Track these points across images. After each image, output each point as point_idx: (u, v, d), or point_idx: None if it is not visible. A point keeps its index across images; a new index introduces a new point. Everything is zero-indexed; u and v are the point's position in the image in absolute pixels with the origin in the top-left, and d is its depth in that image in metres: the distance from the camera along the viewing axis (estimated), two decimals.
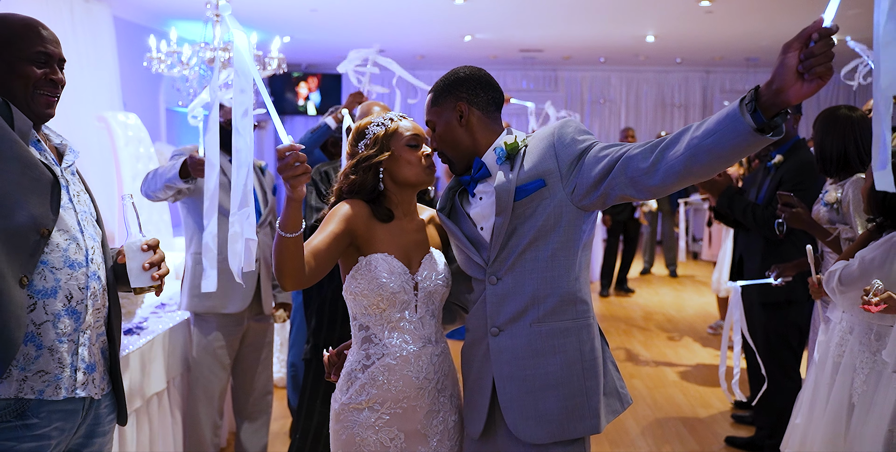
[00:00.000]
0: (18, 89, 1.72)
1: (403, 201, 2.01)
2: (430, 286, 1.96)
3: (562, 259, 1.84)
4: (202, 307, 3.17)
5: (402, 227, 2.00)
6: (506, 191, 1.83)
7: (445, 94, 1.94)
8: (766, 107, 1.44)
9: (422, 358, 1.93)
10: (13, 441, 1.61)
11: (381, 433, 1.92)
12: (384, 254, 1.92)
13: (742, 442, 3.87)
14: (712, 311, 7.06)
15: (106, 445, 1.87)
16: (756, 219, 3.53)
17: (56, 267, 1.67)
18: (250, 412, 3.42)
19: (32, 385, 1.64)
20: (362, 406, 1.93)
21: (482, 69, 1.97)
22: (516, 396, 1.85)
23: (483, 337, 1.91)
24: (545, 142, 1.85)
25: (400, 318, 1.93)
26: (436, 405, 1.96)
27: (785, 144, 3.59)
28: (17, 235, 1.60)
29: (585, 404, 1.84)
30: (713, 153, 1.52)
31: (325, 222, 1.91)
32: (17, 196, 1.60)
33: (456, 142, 1.94)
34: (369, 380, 1.92)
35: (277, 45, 5.39)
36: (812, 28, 1.35)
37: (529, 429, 1.84)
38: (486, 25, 8.52)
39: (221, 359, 3.24)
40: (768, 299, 3.51)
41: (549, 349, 1.84)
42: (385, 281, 1.89)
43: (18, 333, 1.59)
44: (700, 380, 5.13)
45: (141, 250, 1.79)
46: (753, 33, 8.72)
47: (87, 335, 1.75)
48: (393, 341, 1.92)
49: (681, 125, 12.03)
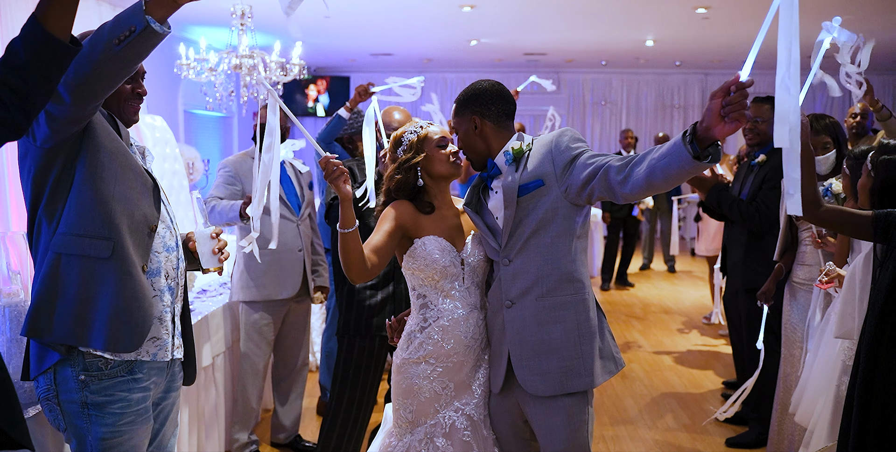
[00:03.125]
0: (113, 103, 2.07)
1: (440, 192, 2.44)
2: (474, 261, 2.37)
3: (560, 245, 2.23)
4: (259, 296, 3.60)
5: (443, 215, 2.42)
6: (511, 188, 2.23)
7: (463, 108, 2.35)
8: (701, 140, 1.80)
9: (469, 321, 2.34)
10: (126, 391, 1.99)
11: (434, 382, 2.33)
12: (434, 237, 2.35)
13: (730, 417, 4.24)
14: (707, 303, 7.42)
15: (177, 400, 2.25)
16: (741, 213, 3.88)
17: (158, 251, 2.05)
18: (288, 385, 3.82)
19: (148, 349, 2.01)
20: (420, 360, 2.34)
21: (498, 83, 2.36)
22: (525, 357, 2.24)
23: (500, 309, 2.30)
24: (545, 148, 2.25)
25: (451, 288, 2.35)
26: (479, 361, 2.37)
27: (767, 146, 3.94)
28: (138, 232, 1.98)
29: (581, 365, 2.22)
30: (666, 173, 1.89)
31: (379, 223, 2.34)
32: (136, 199, 1.99)
33: (473, 147, 2.36)
34: (426, 339, 2.34)
35: (299, 52, 5.75)
36: (731, 81, 1.72)
37: (535, 384, 2.22)
38: (491, 30, 8.85)
39: (267, 336, 3.67)
40: (751, 285, 3.87)
41: (552, 319, 2.23)
42: (437, 257, 2.32)
43: (151, 311, 1.98)
44: (693, 364, 5.51)
45: (210, 237, 2.20)
46: (749, 38, 9.02)
47: (177, 307, 2.13)
48: (446, 306, 2.34)
49: (680, 126, 12.39)
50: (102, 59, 1.70)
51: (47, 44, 1.49)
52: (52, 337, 1.91)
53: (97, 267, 1.92)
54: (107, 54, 1.69)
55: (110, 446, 1.96)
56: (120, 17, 1.68)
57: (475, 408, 2.35)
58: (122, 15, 1.68)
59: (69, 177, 1.92)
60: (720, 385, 4.99)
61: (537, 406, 2.25)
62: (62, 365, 1.94)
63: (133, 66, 1.79)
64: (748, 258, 3.86)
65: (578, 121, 12.65)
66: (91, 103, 1.80)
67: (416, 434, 2.35)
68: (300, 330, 3.84)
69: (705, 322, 6.77)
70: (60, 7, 1.48)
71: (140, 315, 1.95)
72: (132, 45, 1.68)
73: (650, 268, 9.85)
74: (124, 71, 1.79)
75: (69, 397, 1.94)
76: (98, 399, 1.95)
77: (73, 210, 1.92)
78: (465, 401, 2.34)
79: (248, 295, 3.62)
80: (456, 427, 2.31)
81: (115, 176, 1.96)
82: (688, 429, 4.21)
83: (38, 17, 1.48)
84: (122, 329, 1.92)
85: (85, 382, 1.94)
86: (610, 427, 4.23)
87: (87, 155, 1.92)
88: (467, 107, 2.34)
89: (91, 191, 1.92)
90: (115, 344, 1.92)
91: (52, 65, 1.51)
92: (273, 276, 3.61)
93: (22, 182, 1.98)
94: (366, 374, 3.21)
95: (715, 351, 5.87)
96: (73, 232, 1.91)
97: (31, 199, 1.95)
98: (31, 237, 1.99)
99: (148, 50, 1.75)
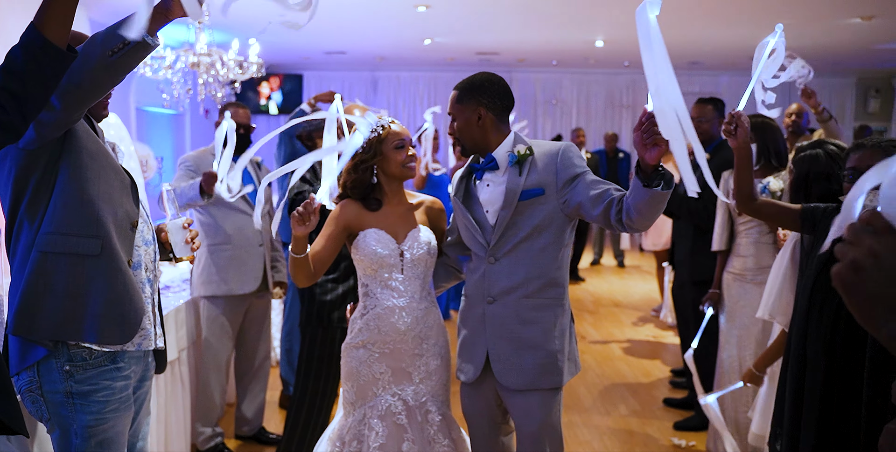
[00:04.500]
0: None
1: (392, 190, 2.54)
2: (414, 254, 2.48)
3: (550, 252, 2.34)
4: (221, 291, 3.66)
5: (392, 210, 2.53)
6: (513, 191, 2.32)
7: (468, 97, 2.38)
8: (644, 170, 2.03)
9: (405, 310, 2.46)
10: (110, 380, 2.06)
11: (373, 367, 2.46)
12: (375, 229, 2.47)
13: (677, 402, 4.48)
14: (655, 297, 7.68)
15: (150, 388, 2.32)
16: (689, 210, 4.08)
17: (138, 245, 2.13)
18: (250, 379, 3.89)
19: (133, 339, 2.08)
20: (359, 345, 2.48)
21: (502, 78, 2.42)
22: (504, 353, 2.35)
23: (479, 304, 2.40)
24: (549, 158, 2.33)
25: (388, 278, 2.46)
26: (419, 349, 2.48)
27: (711, 144, 4.15)
28: (122, 229, 2.06)
29: (554, 364, 2.35)
30: (637, 207, 2.09)
31: (325, 226, 2.49)
32: (117, 197, 2.06)
33: (471, 137, 2.40)
34: (364, 325, 2.47)
35: (256, 50, 5.79)
36: (643, 115, 1.94)
37: (511, 378, 2.34)
38: (445, 30, 8.96)
39: (229, 331, 3.74)
40: (699, 278, 4.07)
41: (532, 319, 2.34)
42: (374, 248, 2.44)
43: (141, 304, 2.06)
44: (642, 354, 5.73)
45: (182, 228, 2.28)
46: (696, 40, 9.32)
47: (156, 297, 2.20)
48: (384, 296, 2.47)
49: (629, 125, 12.65)
50: (96, 68, 1.78)
51: (46, 50, 1.57)
52: (42, 334, 1.96)
53: (87, 264, 1.98)
54: (101, 64, 1.77)
55: (95, 433, 2.03)
56: (112, 29, 1.76)
57: (413, 395, 2.46)
58: (115, 28, 1.75)
59: (52, 177, 1.97)
60: (668, 373, 5.21)
61: (514, 395, 2.37)
62: (46, 359, 2.00)
63: (123, 76, 1.88)
64: (695, 252, 4.07)
65: (530, 119, 12.83)
66: (80, 110, 1.88)
67: (357, 414, 2.48)
68: (261, 325, 3.92)
69: (654, 314, 7.01)
70: (58, 16, 1.57)
71: (131, 308, 2.03)
72: (125, 56, 1.77)
73: (600, 263, 10.10)
74: (115, 80, 1.88)
75: (53, 388, 2.00)
76: (83, 389, 2.01)
77: (58, 209, 1.97)
78: (402, 387, 2.46)
79: (210, 290, 3.67)
80: (391, 410, 2.43)
81: (97, 176, 2.02)
82: (638, 415, 4.40)
83: (37, 25, 1.57)
84: (114, 322, 2.00)
85: (70, 372, 2.00)
86: (564, 415, 4.39)
87: (70, 156, 1.98)
88: (473, 97, 2.37)
89: (76, 190, 1.98)
90: (107, 337, 2.00)
91: (49, 70, 1.60)
92: (235, 272, 3.68)
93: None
94: (328, 365, 3.30)
95: (663, 342, 6.10)
96: (59, 231, 1.97)
97: (11, 200, 1.99)
98: (9, 237, 2.04)
99: (139, 60, 1.85)
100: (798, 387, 2.33)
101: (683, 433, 4.10)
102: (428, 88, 12.69)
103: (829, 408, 2.24)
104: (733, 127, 2.54)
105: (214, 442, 3.75)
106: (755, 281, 3.49)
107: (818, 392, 2.26)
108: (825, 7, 6.67)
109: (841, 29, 7.70)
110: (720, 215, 3.72)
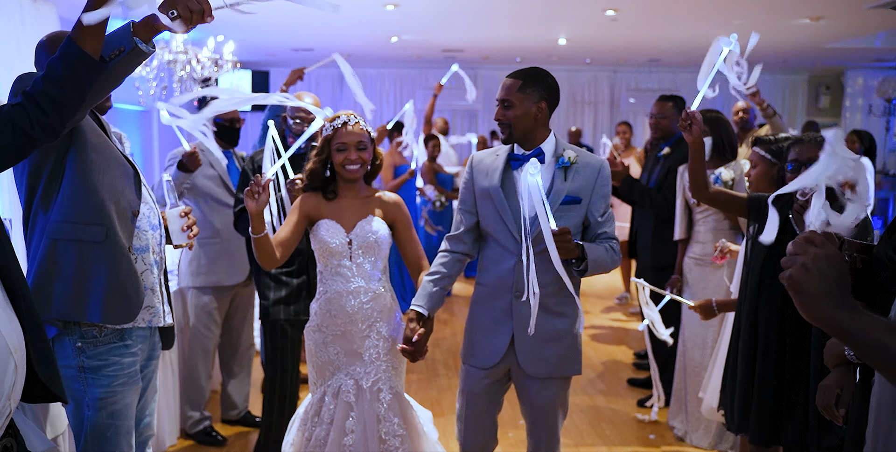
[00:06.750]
0: None
1: (344, 183, 2.73)
2: (363, 242, 2.66)
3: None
4: (209, 282, 3.83)
5: (347, 202, 2.72)
6: (558, 194, 2.47)
7: (533, 88, 2.45)
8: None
9: (352, 294, 2.65)
10: (118, 356, 2.24)
11: (328, 348, 2.68)
12: (327, 220, 2.68)
13: (640, 382, 4.75)
14: (618, 285, 7.96)
15: (157, 366, 2.49)
16: (651, 200, 4.33)
17: (144, 229, 2.30)
18: (235, 365, 4.05)
19: (143, 316, 2.27)
20: (316, 328, 2.71)
21: None
22: (529, 343, 2.50)
23: (503, 296, 2.51)
24: (593, 171, 2.50)
25: (338, 265, 2.67)
26: (368, 331, 2.67)
27: (670, 139, 4.41)
28: (124, 217, 2.23)
29: (574, 354, 2.56)
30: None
31: (289, 214, 2.70)
32: (120, 188, 2.23)
33: (524, 127, 2.47)
34: (318, 309, 2.70)
35: (231, 48, 5.92)
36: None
37: (535, 367, 2.52)
38: (412, 28, 9.11)
39: (216, 319, 3.90)
40: (659, 263, 4.33)
41: (558, 313, 2.52)
42: (324, 237, 2.65)
43: (141, 287, 2.23)
44: (607, 340, 6.01)
45: (180, 216, 2.45)
46: (655, 38, 9.61)
47: (163, 277, 2.38)
48: (334, 281, 2.67)
49: (590, 121, 12.91)
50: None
51: (82, 60, 1.77)
52: (52, 314, 2.14)
53: (92, 251, 2.16)
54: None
55: (106, 404, 2.21)
56: (110, 38, 1.93)
57: (364, 376, 2.65)
58: (112, 36, 1.93)
59: (60, 170, 2.16)
60: (632, 356, 5.49)
61: (533, 381, 2.54)
62: (59, 336, 2.18)
63: (121, 80, 2.07)
64: (655, 239, 4.33)
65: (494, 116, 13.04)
66: (81, 112, 2.06)
67: (318, 393, 2.71)
68: (245, 313, 4.09)
69: (617, 302, 7.29)
70: (92, 30, 1.77)
71: (134, 290, 2.20)
72: (122, 62, 1.95)
73: None
74: (114, 84, 2.06)
75: (67, 363, 2.18)
76: (94, 364, 2.19)
77: (66, 199, 2.15)
78: (354, 368, 2.66)
79: (199, 281, 3.84)
80: (343, 389, 2.64)
81: (102, 168, 2.20)
82: (604, 394, 4.67)
83: (74, 38, 1.77)
84: (118, 303, 2.17)
85: (81, 348, 2.18)
86: None
87: (76, 151, 2.17)
88: (540, 89, 2.45)
89: (82, 182, 2.16)
90: (111, 317, 2.17)
91: (85, 78, 1.80)
92: (223, 264, 3.85)
93: (15, 177, 2.22)
94: (292, 356, 3.43)
95: (626, 328, 6.38)
96: (67, 220, 2.15)
97: (27, 192, 2.19)
98: (27, 225, 2.22)
99: (135, 66, 2.03)
100: (751, 355, 2.59)
101: (645, 409, 4.35)
102: (394, 85, 12.85)
103: (781, 371, 2.51)
104: (688, 123, 2.80)
105: (203, 426, 3.91)
106: (714, 265, 3.75)
107: (772, 355, 2.52)
108: (775, 8, 6.97)
109: (791, 29, 8.03)
110: (679, 206, 3.98)
